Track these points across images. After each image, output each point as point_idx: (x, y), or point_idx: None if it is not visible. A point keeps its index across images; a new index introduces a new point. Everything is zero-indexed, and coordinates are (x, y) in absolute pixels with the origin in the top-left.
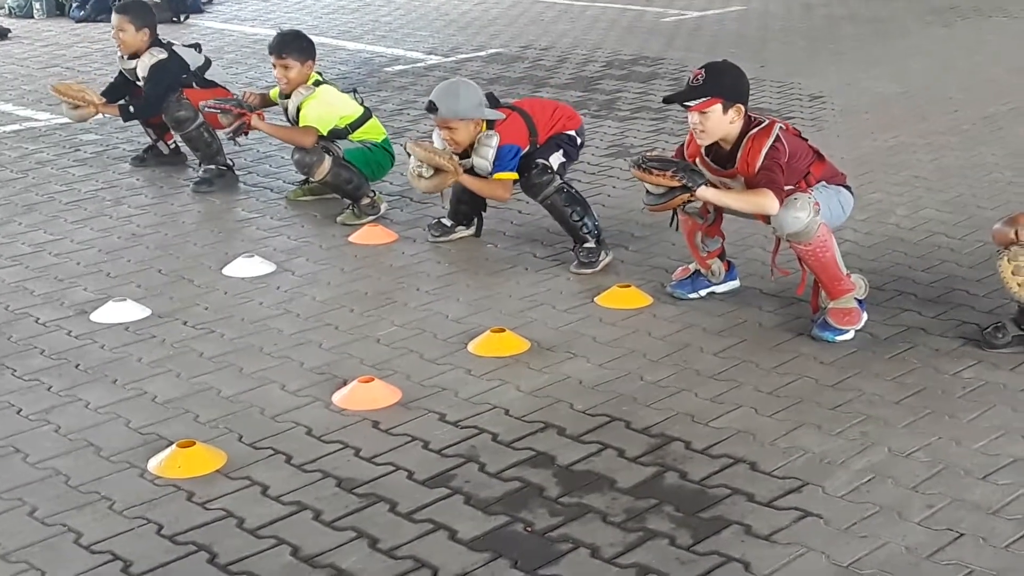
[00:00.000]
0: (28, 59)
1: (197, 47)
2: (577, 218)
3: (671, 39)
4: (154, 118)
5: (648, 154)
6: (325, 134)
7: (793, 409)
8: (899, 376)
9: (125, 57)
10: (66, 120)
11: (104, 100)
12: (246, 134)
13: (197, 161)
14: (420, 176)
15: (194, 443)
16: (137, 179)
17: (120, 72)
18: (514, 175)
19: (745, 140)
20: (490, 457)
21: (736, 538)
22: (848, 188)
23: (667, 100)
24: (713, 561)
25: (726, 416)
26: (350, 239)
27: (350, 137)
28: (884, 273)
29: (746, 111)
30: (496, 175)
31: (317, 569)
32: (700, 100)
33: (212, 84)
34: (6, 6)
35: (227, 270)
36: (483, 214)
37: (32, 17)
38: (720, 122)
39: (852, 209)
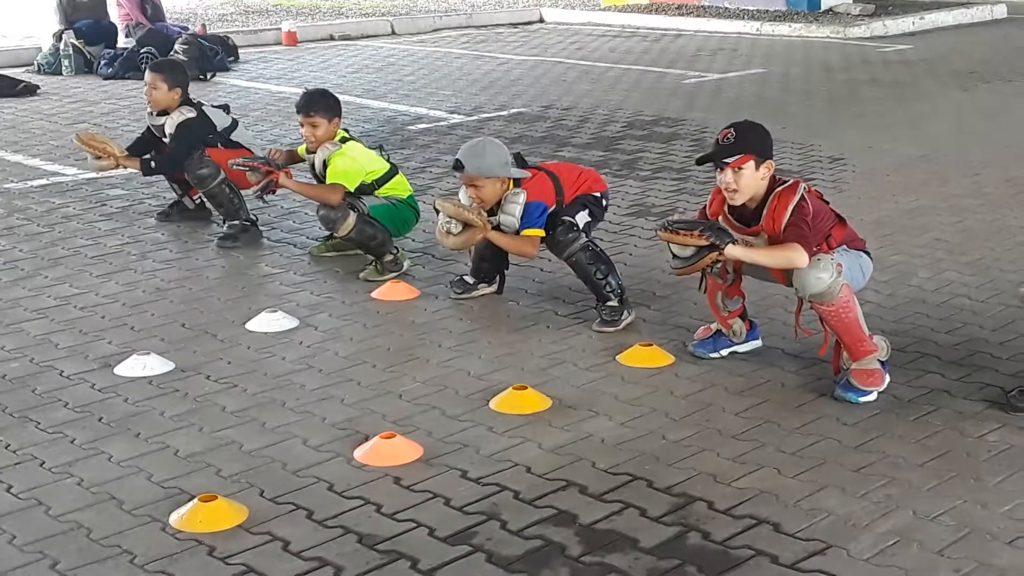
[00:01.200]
0: (56, 115)
1: (226, 108)
2: (601, 276)
3: (692, 100)
4: (179, 174)
5: (672, 218)
6: (352, 190)
7: (816, 470)
8: (923, 439)
9: (154, 114)
10: (93, 175)
11: (126, 154)
12: (273, 192)
13: (221, 217)
14: (448, 233)
15: (216, 497)
16: (162, 234)
17: (148, 128)
18: (542, 232)
19: (771, 197)
20: (512, 515)
21: None
22: (868, 253)
23: (701, 161)
24: None
25: (749, 476)
26: (373, 295)
27: (376, 193)
28: (906, 335)
29: (774, 171)
30: (524, 232)
31: None
32: (735, 158)
33: (237, 145)
34: (35, 63)
35: (250, 325)
36: (505, 272)
37: (60, 74)
38: (753, 179)
39: (871, 274)
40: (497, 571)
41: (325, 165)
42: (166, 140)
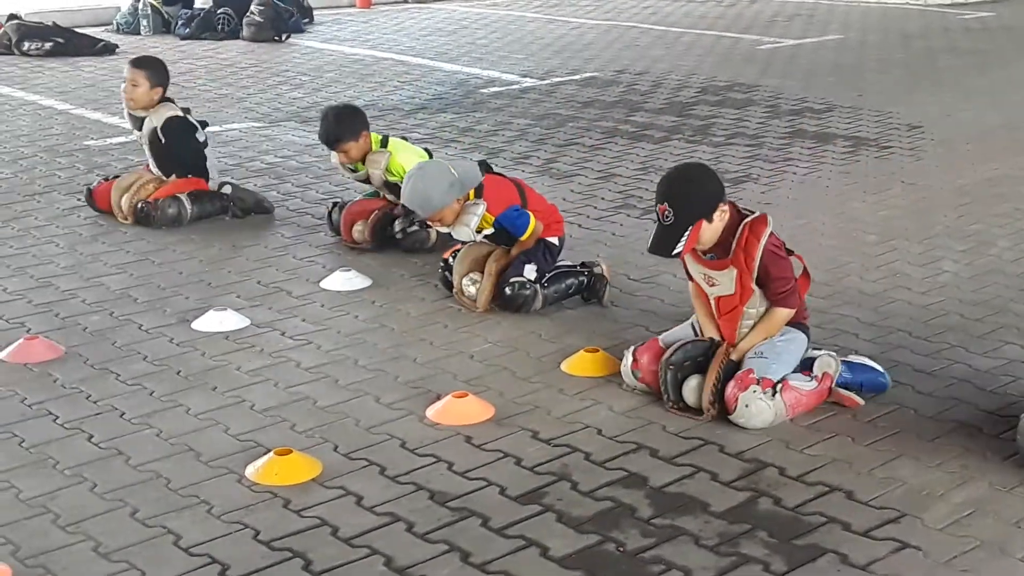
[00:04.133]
0: None
1: (203, 124)
2: (570, 292)
3: (766, 66)
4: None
5: (670, 360)
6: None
7: (891, 439)
8: (999, 409)
9: (136, 119)
10: None
11: (163, 179)
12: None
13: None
14: (466, 292)
15: (291, 451)
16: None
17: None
18: (533, 222)
19: (741, 227)
20: (582, 476)
21: (832, 567)
22: (806, 330)
23: (652, 252)
24: None
25: (822, 444)
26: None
27: None
28: (986, 305)
29: (730, 204)
30: (521, 238)
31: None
32: (684, 240)
33: (203, 171)
34: (114, 22)
35: (324, 283)
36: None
37: (139, 34)
38: (713, 231)
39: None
40: (567, 531)
41: (386, 181)
42: (149, 136)
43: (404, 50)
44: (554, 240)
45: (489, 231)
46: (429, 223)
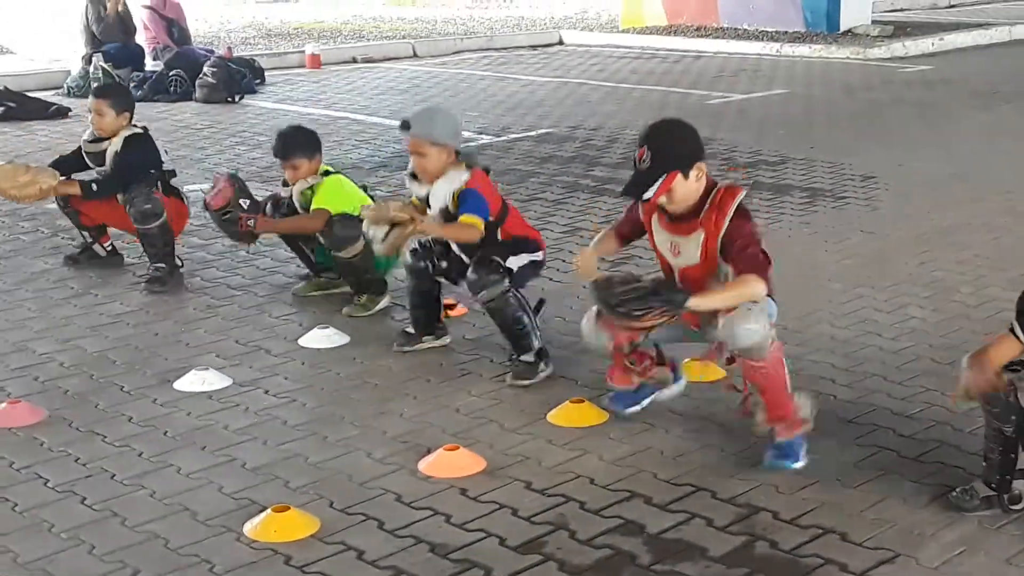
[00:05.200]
0: None
1: (164, 151)
2: (520, 328)
3: (718, 121)
4: (94, 217)
5: (617, 289)
6: (334, 213)
7: (877, 481)
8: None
9: (90, 140)
10: None
11: (60, 179)
12: (254, 240)
13: (147, 259)
14: (376, 243)
15: (288, 508)
16: (207, 253)
17: (79, 149)
18: (481, 222)
19: (714, 192)
20: (579, 525)
21: None
22: (774, 300)
23: (624, 194)
24: None
25: (811, 487)
26: None
27: None
28: (955, 349)
29: (705, 167)
30: (463, 218)
31: None
32: (657, 185)
33: (176, 193)
34: (65, 86)
35: (303, 341)
36: (440, 320)
37: (87, 97)
38: (686, 188)
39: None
40: None
41: (304, 199)
42: (100, 168)
43: (358, 109)
44: (539, 257)
45: (453, 209)
46: (413, 152)
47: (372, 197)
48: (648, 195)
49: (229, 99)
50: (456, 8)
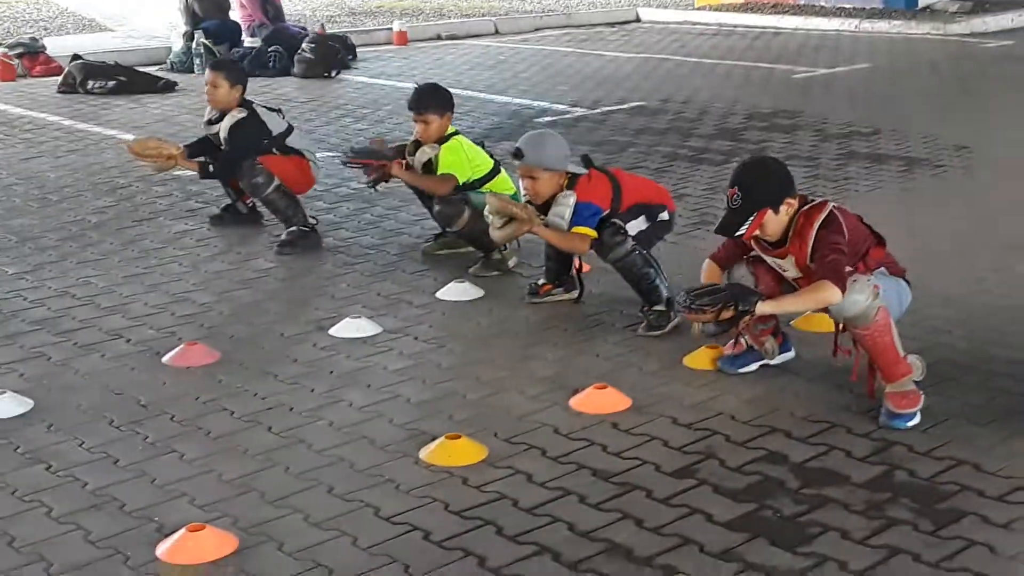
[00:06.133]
0: (201, 109)
1: (279, 112)
2: (649, 282)
3: (805, 94)
4: (233, 180)
5: (693, 291)
6: (461, 182)
7: (1002, 421)
8: None
9: (210, 122)
10: None
11: (185, 153)
12: (386, 181)
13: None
14: (493, 227)
15: (460, 436)
16: (335, 215)
17: (205, 137)
18: (592, 231)
19: (797, 216)
20: (728, 455)
21: (975, 525)
22: (908, 282)
23: (718, 232)
24: (958, 544)
25: (942, 425)
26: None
27: (480, 190)
28: None
29: (798, 197)
30: (574, 229)
31: (596, 542)
32: (749, 224)
33: (293, 151)
34: (168, 61)
35: (440, 294)
36: (580, 276)
37: (192, 72)
38: (777, 222)
39: (909, 304)
40: (725, 500)
41: (427, 165)
42: (222, 147)
43: (451, 83)
44: (665, 216)
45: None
46: (524, 178)
47: (491, 155)
48: (740, 233)
49: (326, 74)
50: None
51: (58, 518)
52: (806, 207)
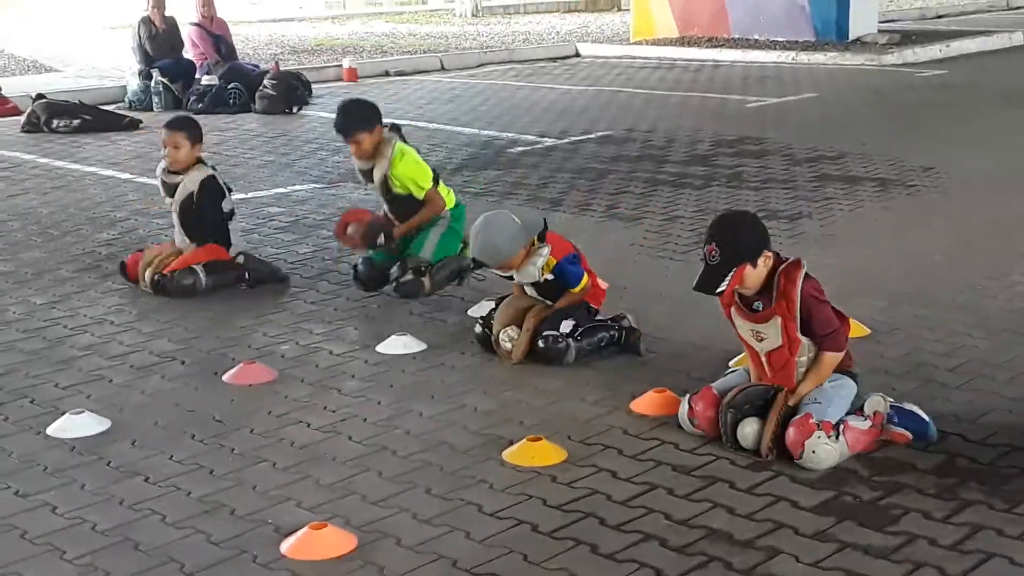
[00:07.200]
0: None
1: (229, 189)
2: (603, 344)
3: (763, 121)
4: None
5: (731, 402)
6: (432, 182)
7: None
8: None
9: (172, 171)
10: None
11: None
12: (383, 241)
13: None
14: (505, 349)
15: (541, 439)
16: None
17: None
18: (586, 279)
19: (777, 276)
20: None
21: None
22: (853, 374)
23: (697, 289)
24: None
25: (989, 415)
26: None
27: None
28: None
29: (773, 253)
30: (575, 288)
31: (695, 528)
32: (728, 280)
33: (226, 240)
34: (126, 100)
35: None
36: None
37: (151, 110)
38: (756, 276)
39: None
40: (805, 489)
41: (386, 178)
42: (186, 206)
43: (414, 117)
44: (595, 308)
45: (548, 276)
46: (497, 271)
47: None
48: (720, 289)
49: (287, 110)
50: (458, 24)
51: (174, 524)
52: (783, 266)
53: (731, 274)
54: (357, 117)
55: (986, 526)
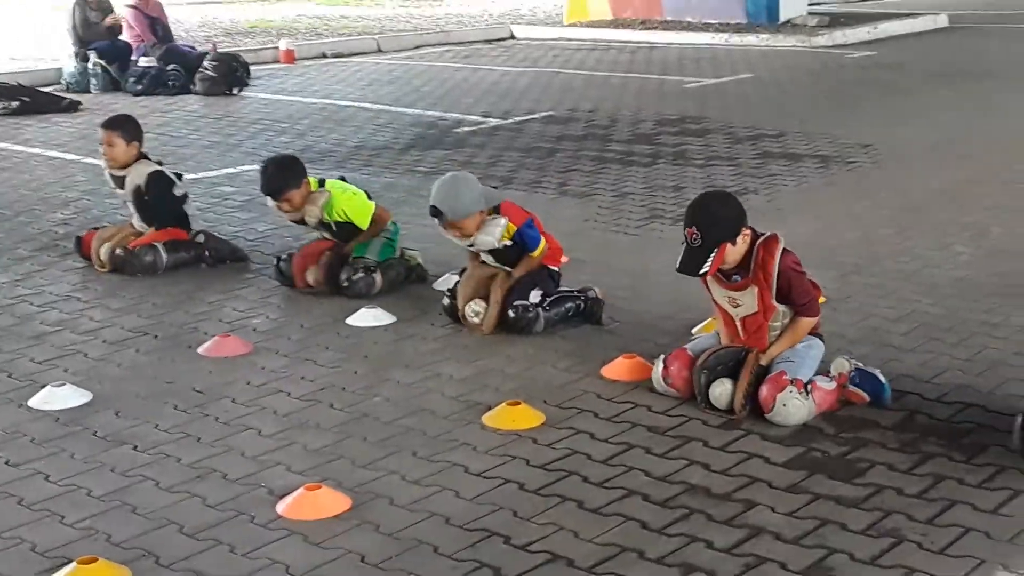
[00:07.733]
0: None
1: (179, 176)
2: (569, 315)
3: (703, 101)
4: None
5: (703, 364)
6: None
7: (994, 369)
8: None
9: (115, 173)
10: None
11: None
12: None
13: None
14: (474, 321)
15: (520, 402)
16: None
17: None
18: (544, 243)
19: (756, 249)
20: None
21: (1001, 455)
22: (820, 337)
23: (681, 271)
24: (991, 470)
25: (942, 375)
26: None
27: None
28: (1006, 275)
29: (750, 228)
30: (534, 253)
31: (674, 484)
32: (711, 260)
33: (185, 222)
34: (63, 82)
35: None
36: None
37: (89, 92)
38: (736, 252)
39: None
40: (775, 446)
41: (321, 220)
42: (131, 192)
43: (358, 98)
44: (556, 269)
45: (507, 242)
46: (448, 229)
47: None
48: (704, 271)
49: (227, 91)
50: (389, 7)
51: (168, 488)
52: (761, 239)
53: (712, 255)
54: (285, 175)
55: (948, 476)
